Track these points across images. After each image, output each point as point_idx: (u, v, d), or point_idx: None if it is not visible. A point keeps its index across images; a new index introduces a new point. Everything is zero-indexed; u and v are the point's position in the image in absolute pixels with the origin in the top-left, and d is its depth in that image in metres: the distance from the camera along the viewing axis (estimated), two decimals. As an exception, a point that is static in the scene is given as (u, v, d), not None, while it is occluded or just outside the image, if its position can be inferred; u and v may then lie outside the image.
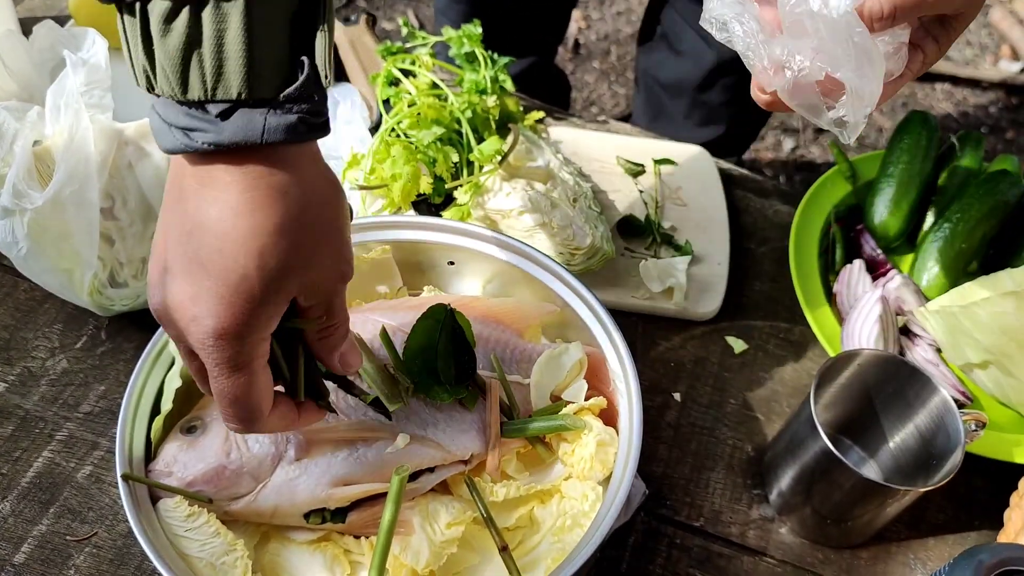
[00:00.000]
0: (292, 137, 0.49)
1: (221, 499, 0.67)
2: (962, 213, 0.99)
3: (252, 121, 0.48)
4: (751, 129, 1.67)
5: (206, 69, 0.47)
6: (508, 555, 0.66)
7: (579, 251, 0.92)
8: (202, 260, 0.50)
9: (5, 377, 0.86)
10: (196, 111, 0.49)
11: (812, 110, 0.58)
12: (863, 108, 0.56)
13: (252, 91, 0.48)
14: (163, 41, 0.47)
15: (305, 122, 0.49)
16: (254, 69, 0.48)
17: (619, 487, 0.66)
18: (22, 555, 0.75)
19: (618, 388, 0.74)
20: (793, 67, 0.56)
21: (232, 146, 0.48)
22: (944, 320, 0.88)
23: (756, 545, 0.82)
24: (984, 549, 0.54)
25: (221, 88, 0.48)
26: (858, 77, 0.55)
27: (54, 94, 0.81)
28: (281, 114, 0.49)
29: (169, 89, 0.48)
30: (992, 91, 2.60)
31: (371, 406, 0.70)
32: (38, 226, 0.79)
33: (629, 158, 1.11)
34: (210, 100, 0.48)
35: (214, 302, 0.50)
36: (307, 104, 0.49)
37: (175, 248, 0.51)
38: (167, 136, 0.50)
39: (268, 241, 0.49)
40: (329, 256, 0.54)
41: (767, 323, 0.99)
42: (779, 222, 1.09)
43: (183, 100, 0.48)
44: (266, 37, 0.48)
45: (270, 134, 0.48)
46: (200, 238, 0.50)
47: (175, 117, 0.49)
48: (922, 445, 0.80)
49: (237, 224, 0.49)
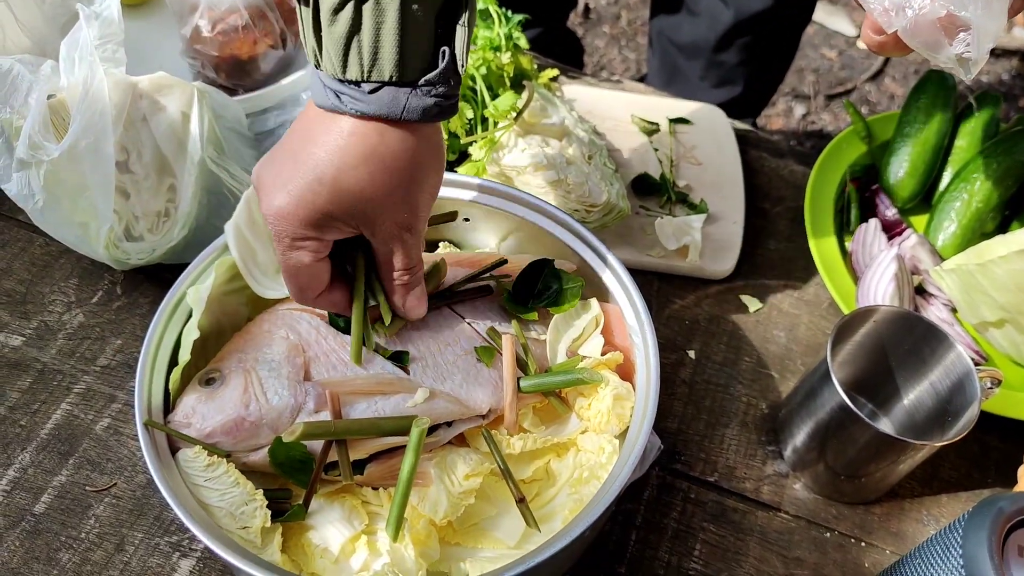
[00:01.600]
0: (425, 118, 0.58)
1: (240, 451, 0.67)
2: (979, 173, 0.99)
3: (396, 99, 0.57)
4: (767, 90, 1.66)
5: (364, 54, 0.56)
6: (525, 506, 0.67)
7: (594, 208, 0.92)
8: (297, 153, 0.60)
9: (22, 331, 0.87)
10: (350, 86, 0.57)
11: (933, 47, 0.57)
12: (987, 43, 0.56)
13: (401, 75, 0.56)
14: (330, 29, 0.56)
15: (439, 105, 0.58)
16: (404, 56, 0.56)
17: (636, 440, 0.66)
18: (42, 505, 0.76)
19: (635, 343, 0.74)
20: (914, 6, 0.56)
21: (375, 117, 0.57)
22: (960, 278, 0.88)
23: (770, 500, 0.82)
24: (1004, 498, 0.54)
25: (375, 71, 0.56)
26: (983, 13, 0.54)
27: (68, 46, 0.81)
28: (421, 96, 0.57)
29: (332, 68, 0.57)
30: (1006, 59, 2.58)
31: (390, 360, 0.70)
32: (54, 178, 0.79)
33: (644, 117, 1.10)
34: (365, 80, 0.56)
35: (286, 185, 0.59)
36: (444, 88, 0.58)
37: (284, 145, 0.62)
38: (321, 94, 0.59)
39: (354, 167, 0.58)
40: (400, 208, 0.61)
41: (781, 282, 0.99)
42: (794, 182, 1.08)
43: (342, 79, 0.57)
44: (416, 30, 0.55)
45: (409, 113, 0.57)
46: (304, 144, 0.60)
47: (331, 83, 0.58)
48: (937, 402, 0.80)
49: (338, 144, 0.58)
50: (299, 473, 0.67)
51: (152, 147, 0.84)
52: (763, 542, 0.80)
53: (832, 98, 2.43)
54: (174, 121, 0.84)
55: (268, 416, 0.67)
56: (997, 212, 1.00)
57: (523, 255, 0.81)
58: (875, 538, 0.81)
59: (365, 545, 0.67)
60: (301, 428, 0.62)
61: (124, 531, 0.75)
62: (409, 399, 0.69)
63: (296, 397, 0.68)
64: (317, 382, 0.69)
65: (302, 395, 0.68)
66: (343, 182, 0.59)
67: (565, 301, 0.76)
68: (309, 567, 0.67)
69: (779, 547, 0.80)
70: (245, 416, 0.67)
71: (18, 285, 0.90)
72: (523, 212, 0.81)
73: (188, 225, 0.85)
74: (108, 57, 0.80)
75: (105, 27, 0.81)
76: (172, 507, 0.61)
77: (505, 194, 0.81)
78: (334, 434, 0.65)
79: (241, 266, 0.74)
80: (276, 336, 0.71)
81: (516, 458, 0.71)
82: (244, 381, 0.68)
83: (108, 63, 0.80)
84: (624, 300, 0.76)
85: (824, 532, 0.81)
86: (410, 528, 0.66)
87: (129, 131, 0.82)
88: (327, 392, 0.68)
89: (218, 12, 1.00)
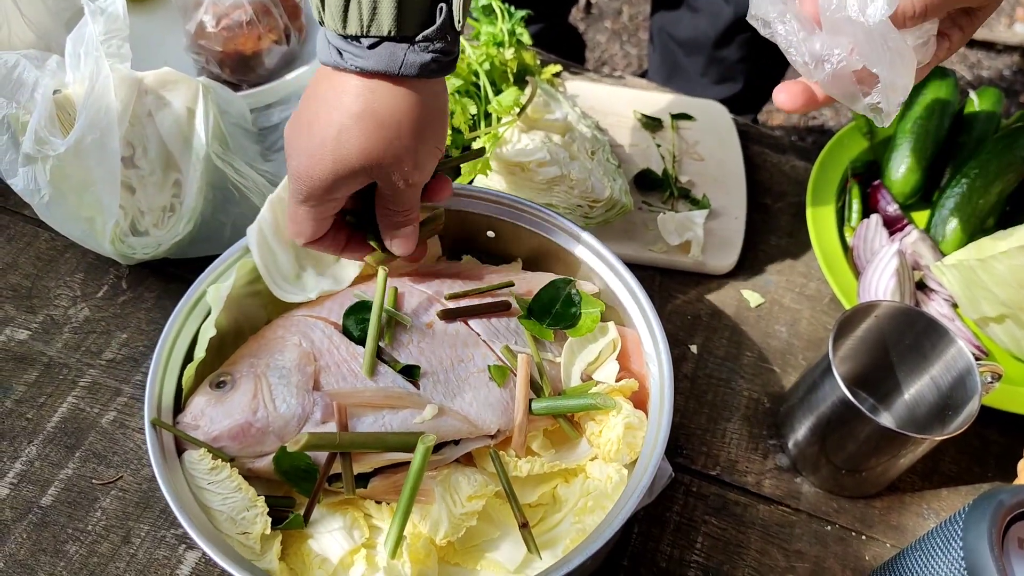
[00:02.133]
0: (423, 74, 0.60)
1: (245, 456, 0.68)
2: (980, 169, 0.99)
3: (394, 55, 0.60)
4: (767, 86, 1.66)
5: (363, 9, 0.58)
6: (528, 531, 0.66)
7: (597, 203, 0.92)
8: (308, 115, 0.64)
9: (28, 325, 0.87)
10: (351, 42, 0.60)
11: (849, 98, 0.63)
12: (897, 98, 0.61)
13: (400, 30, 0.59)
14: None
15: (437, 61, 0.61)
16: (402, 11, 0.58)
17: (644, 472, 0.65)
18: (49, 497, 0.77)
19: (651, 371, 0.73)
20: (832, 60, 0.60)
21: (373, 72, 0.60)
22: (961, 274, 0.89)
23: (772, 494, 0.83)
24: (1004, 491, 0.55)
25: (374, 26, 0.59)
26: (892, 73, 0.59)
27: (74, 42, 0.81)
28: (418, 52, 0.60)
29: (333, 24, 0.60)
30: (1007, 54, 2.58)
31: (401, 374, 0.70)
32: (60, 173, 0.79)
33: (646, 113, 1.10)
34: (364, 36, 0.59)
35: (298, 148, 0.65)
36: (441, 44, 0.60)
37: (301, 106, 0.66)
38: (325, 51, 0.62)
39: (354, 125, 0.62)
40: (401, 162, 0.64)
41: (783, 277, 0.99)
42: (796, 178, 1.09)
43: (343, 34, 0.60)
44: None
45: (407, 68, 0.60)
46: (313, 103, 0.64)
47: (333, 39, 0.61)
48: (938, 396, 0.80)
49: (341, 103, 0.62)
50: (303, 482, 0.67)
51: (157, 142, 0.84)
52: (764, 535, 0.80)
53: (833, 94, 2.42)
54: (179, 117, 0.84)
55: (275, 424, 0.67)
56: (998, 208, 1.00)
57: (544, 273, 0.81)
58: (876, 531, 0.82)
59: (364, 559, 0.67)
60: (306, 439, 0.62)
61: (130, 523, 0.76)
62: (417, 415, 0.69)
63: (304, 406, 0.68)
64: (326, 392, 0.69)
65: (310, 404, 0.68)
66: (345, 143, 0.62)
67: (583, 324, 0.75)
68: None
69: (780, 540, 0.80)
70: (252, 422, 0.67)
71: (24, 279, 0.90)
72: (547, 230, 0.80)
73: (193, 220, 0.86)
74: (113, 53, 0.81)
75: (110, 23, 0.81)
76: (173, 508, 0.61)
77: (531, 211, 0.81)
78: (339, 447, 0.65)
79: (262, 269, 0.75)
80: (289, 343, 0.71)
81: (523, 481, 0.70)
82: (254, 387, 0.68)
83: (113, 59, 0.80)
84: (643, 327, 0.74)
85: (825, 525, 0.82)
86: (409, 546, 0.66)
87: (134, 126, 0.83)
88: (335, 404, 0.67)
89: (222, 8, 1.00)
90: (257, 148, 0.98)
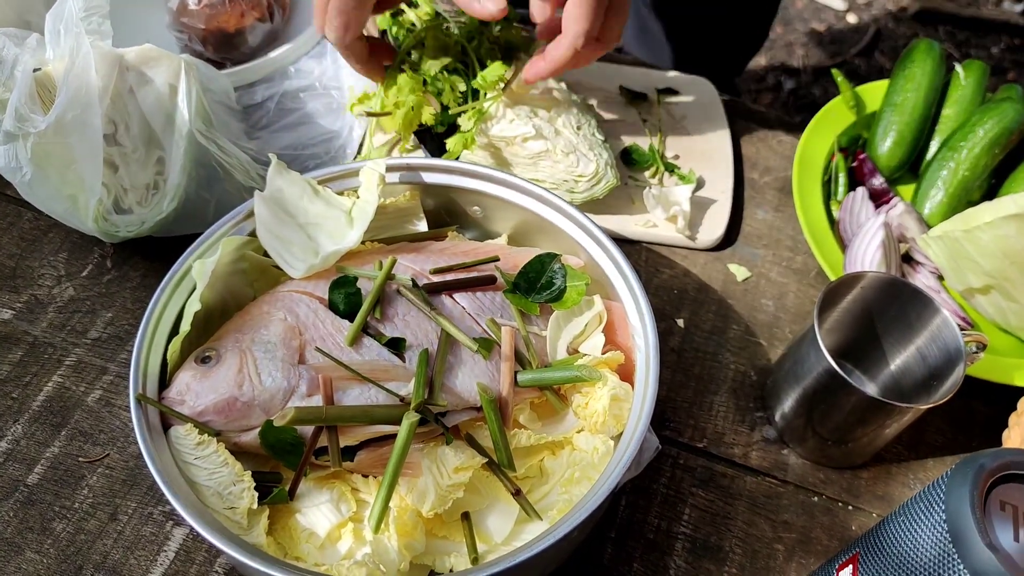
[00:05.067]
0: None
1: (231, 430, 0.68)
2: (965, 141, 0.99)
3: None
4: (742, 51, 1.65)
5: None
6: (523, 497, 0.67)
7: (582, 178, 0.92)
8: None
9: (12, 304, 0.87)
10: None
11: None
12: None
13: None
14: None
15: None
16: None
17: (629, 443, 0.65)
18: (36, 476, 0.77)
19: (636, 344, 0.73)
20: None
21: None
22: (947, 245, 0.89)
23: (759, 466, 0.83)
24: (986, 454, 0.55)
25: None
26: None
27: (53, 18, 0.80)
28: None
29: None
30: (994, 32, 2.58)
31: (386, 347, 0.70)
32: (42, 151, 0.79)
33: (632, 88, 1.10)
34: None
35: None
36: None
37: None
38: None
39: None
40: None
41: (770, 251, 0.99)
42: (782, 152, 1.09)
43: None
44: None
45: None
46: None
47: None
48: (923, 366, 0.80)
49: None
50: (289, 455, 0.67)
51: (140, 119, 0.84)
52: (752, 506, 0.81)
53: (821, 72, 2.43)
54: (161, 94, 0.84)
55: (260, 397, 0.67)
56: (984, 180, 1.00)
57: (530, 248, 0.81)
58: (862, 502, 0.82)
59: (351, 532, 0.67)
60: (292, 413, 0.63)
61: (117, 501, 0.76)
62: (404, 387, 0.69)
63: (289, 380, 0.68)
64: (311, 365, 0.69)
65: (295, 378, 0.68)
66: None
67: (568, 298, 0.75)
68: (294, 551, 0.67)
69: (767, 511, 0.81)
70: (238, 396, 0.67)
71: (7, 259, 0.90)
72: (533, 205, 0.80)
73: (177, 197, 0.85)
74: (94, 29, 0.80)
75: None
76: (160, 484, 0.61)
77: (516, 186, 0.81)
78: (325, 420, 0.65)
79: (278, 259, 0.75)
80: (274, 317, 0.71)
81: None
82: (239, 361, 0.68)
83: (94, 35, 0.79)
84: (629, 300, 0.75)
85: (812, 496, 0.82)
86: (396, 519, 0.66)
87: (116, 103, 0.82)
88: (320, 377, 0.67)
89: (204, -16, 0.99)
90: (241, 126, 0.98)
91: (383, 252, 0.78)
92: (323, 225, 0.77)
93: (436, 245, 0.81)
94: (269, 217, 0.75)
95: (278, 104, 1.03)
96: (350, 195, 0.80)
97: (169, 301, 0.72)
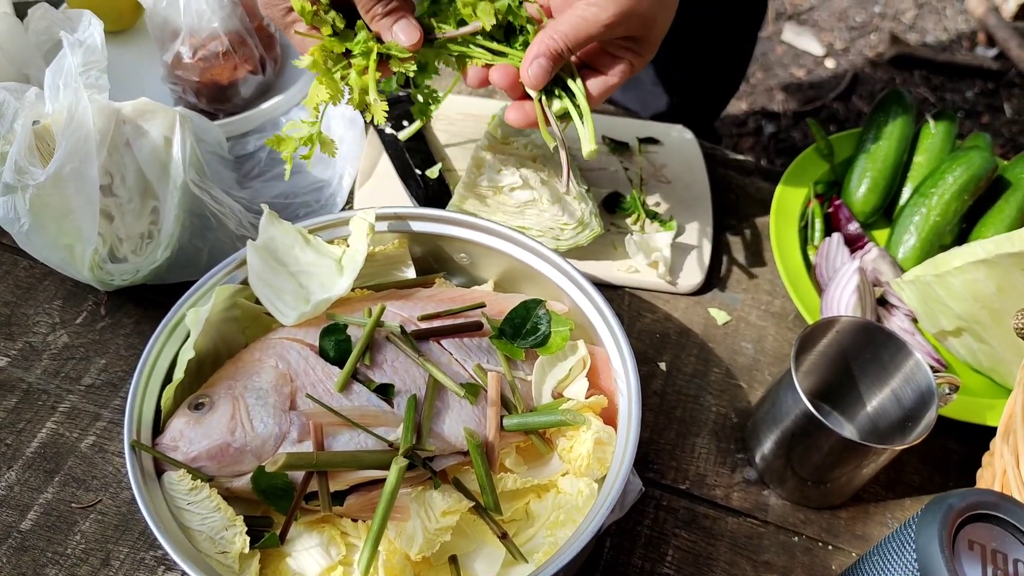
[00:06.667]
0: None
1: (223, 476, 0.69)
2: (936, 188, 1.02)
3: None
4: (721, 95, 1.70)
5: None
6: (509, 541, 0.69)
7: (568, 226, 0.94)
8: None
9: (7, 352, 0.88)
10: None
11: None
12: None
13: None
14: None
15: None
16: None
17: (613, 485, 0.67)
18: (28, 522, 0.78)
19: (619, 388, 0.75)
20: None
21: None
22: (919, 289, 0.92)
23: (740, 507, 0.85)
24: (955, 494, 0.57)
25: None
26: None
27: (53, 73, 0.83)
28: None
29: None
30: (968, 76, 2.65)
31: (375, 393, 0.72)
32: (40, 202, 0.81)
33: (613, 137, 1.13)
34: None
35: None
36: None
37: None
38: None
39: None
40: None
41: (749, 295, 1.02)
42: (760, 199, 1.12)
43: None
44: None
45: None
46: None
47: None
48: (898, 408, 0.83)
49: None
50: (281, 500, 0.68)
51: (135, 171, 0.86)
52: (733, 547, 0.82)
53: (801, 116, 2.48)
54: (157, 145, 0.86)
55: (252, 443, 0.69)
56: (955, 225, 1.04)
57: (515, 294, 0.83)
58: (841, 541, 0.84)
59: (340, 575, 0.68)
60: (283, 459, 0.64)
61: (110, 546, 0.77)
62: (392, 432, 0.70)
63: (281, 426, 0.70)
64: (302, 412, 0.70)
65: (287, 424, 0.70)
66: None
67: (553, 343, 0.77)
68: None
69: (749, 551, 0.82)
70: (231, 442, 0.69)
71: (3, 307, 0.92)
72: (518, 252, 0.83)
73: (171, 246, 0.87)
74: (92, 83, 0.82)
75: (89, 54, 0.83)
76: (152, 529, 0.63)
77: (501, 234, 0.83)
78: (315, 466, 0.67)
79: (270, 307, 0.76)
80: (266, 364, 0.73)
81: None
82: (232, 408, 0.70)
83: (92, 89, 0.82)
84: (612, 344, 0.77)
85: (792, 536, 0.84)
86: (385, 562, 0.67)
87: (113, 155, 0.85)
88: (311, 423, 0.69)
89: (199, 39, 1.02)
90: (233, 175, 1.00)
91: (372, 299, 0.80)
92: (314, 273, 0.79)
93: (424, 292, 0.83)
94: (261, 266, 0.77)
95: (269, 154, 1.06)
96: (340, 243, 0.82)
97: (163, 349, 0.73)
